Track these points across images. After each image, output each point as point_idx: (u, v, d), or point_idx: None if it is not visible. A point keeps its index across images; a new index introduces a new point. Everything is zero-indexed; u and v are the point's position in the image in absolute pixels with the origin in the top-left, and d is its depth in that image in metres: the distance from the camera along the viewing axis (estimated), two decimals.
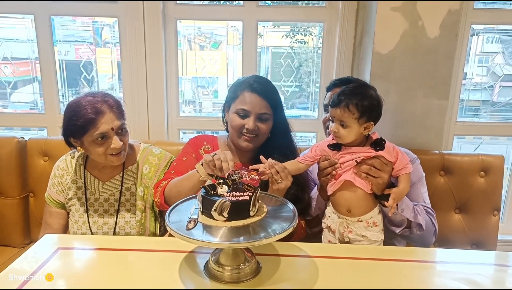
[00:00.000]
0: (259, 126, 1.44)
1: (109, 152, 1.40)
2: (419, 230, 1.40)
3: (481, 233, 1.90)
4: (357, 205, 1.30)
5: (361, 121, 1.24)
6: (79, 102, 1.38)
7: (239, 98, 1.45)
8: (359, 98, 1.23)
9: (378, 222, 1.32)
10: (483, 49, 2.32)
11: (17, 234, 1.93)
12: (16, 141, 1.90)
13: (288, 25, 2.45)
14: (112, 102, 1.41)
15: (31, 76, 2.39)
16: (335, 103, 1.26)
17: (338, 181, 1.29)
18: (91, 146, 1.39)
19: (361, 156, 1.27)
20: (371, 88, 1.30)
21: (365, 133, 1.28)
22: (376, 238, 1.31)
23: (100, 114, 1.35)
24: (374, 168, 1.26)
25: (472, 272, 1.19)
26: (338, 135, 1.27)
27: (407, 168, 1.28)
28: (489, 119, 2.38)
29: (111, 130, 1.37)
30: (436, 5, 1.80)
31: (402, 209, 1.33)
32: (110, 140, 1.38)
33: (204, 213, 1.04)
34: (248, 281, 1.07)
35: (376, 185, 1.27)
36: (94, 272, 1.15)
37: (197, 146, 1.56)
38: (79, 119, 1.35)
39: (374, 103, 1.26)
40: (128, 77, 2.17)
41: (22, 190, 1.93)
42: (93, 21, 2.43)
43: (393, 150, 1.29)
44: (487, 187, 1.85)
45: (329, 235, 1.37)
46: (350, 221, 1.32)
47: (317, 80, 2.33)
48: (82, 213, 1.51)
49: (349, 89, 1.27)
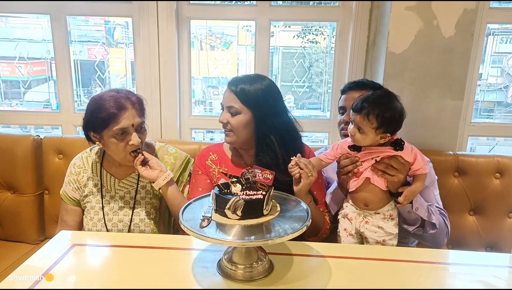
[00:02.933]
0: (229, 119, 1.43)
1: (128, 150, 1.41)
2: (433, 229, 1.41)
3: (496, 235, 1.87)
4: (373, 201, 1.34)
5: (379, 131, 1.26)
6: (103, 97, 1.39)
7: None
8: (381, 109, 1.24)
9: (394, 216, 1.36)
10: (497, 50, 2.28)
11: (32, 230, 1.96)
12: (31, 139, 1.93)
13: (300, 25, 2.45)
14: (135, 99, 1.43)
15: (46, 76, 2.43)
16: (357, 109, 1.27)
17: (360, 178, 1.32)
18: (110, 141, 1.40)
19: (380, 155, 1.29)
20: (397, 99, 1.29)
21: (381, 142, 1.29)
22: (391, 231, 1.34)
23: (123, 110, 1.37)
24: (392, 167, 1.28)
25: (487, 274, 1.17)
26: (354, 138, 1.30)
27: (424, 168, 1.30)
28: (503, 120, 2.35)
29: (131, 126, 1.38)
30: (451, 4, 1.77)
31: (417, 207, 1.36)
32: (129, 137, 1.39)
33: (218, 211, 1.04)
34: (261, 280, 1.07)
35: (392, 183, 1.30)
36: (108, 268, 1.16)
37: (204, 159, 1.55)
38: (101, 112, 1.36)
39: (395, 116, 1.25)
40: (142, 77, 2.19)
41: (37, 188, 1.96)
42: (106, 21, 2.46)
43: (411, 151, 1.30)
44: (503, 189, 1.83)
45: (345, 222, 1.40)
46: (367, 213, 1.35)
47: (329, 81, 2.32)
48: (98, 211, 1.53)
49: (375, 97, 1.27)
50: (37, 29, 2.36)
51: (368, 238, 1.35)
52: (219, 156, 1.56)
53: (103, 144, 1.44)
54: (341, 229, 1.40)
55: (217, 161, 1.54)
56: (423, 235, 1.43)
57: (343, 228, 1.40)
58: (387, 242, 1.34)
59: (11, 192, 1.96)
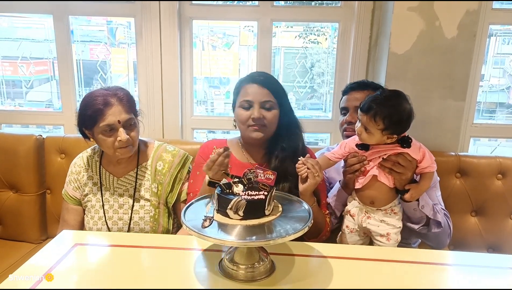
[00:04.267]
0: (264, 114, 1.44)
1: (117, 146, 1.42)
2: (438, 228, 1.42)
3: (498, 236, 1.87)
4: (380, 199, 1.35)
5: (385, 132, 1.26)
6: (92, 94, 1.43)
7: (241, 93, 1.47)
8: (389, 111, 1.23)
9: (396, 211, 1.36)
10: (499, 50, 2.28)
11: (34, 230, 1.97)
12: (34, 139, 1.94)
13: (301, 25, 2.44)
14: (122, 95, 1.44)
15: (49, 75, 2.43)
16: (365, 109, 1.27)
17: (367, 176, 1.32)
18: (100, 137, 1.42)
19: (387, 153, 1.30)
20: (406, 100, 1.27)
21: (388, 142, 1.29)
22: (394, 224, 1.35)
23: (108, 106, 1.39)
24: (399, 164, 1.29)
25: (489, 275, 1.17)
26: (361, 137, 1.30)
27: (432, 167, 1.31)
28: (505, 121, 2.34)
29: (117, 122, 1.40)
30: (453, 5, 1.77)
31: (423, 205, 1.37)
32: (116, 133, 1.41)
33: (220, 211, 1.04)
34: (262, 280, 1.07)
35: (399, 181, 1.31)
36: (110, 268, 1.16)
37: (208, 152, 1.54)
38: (89, 109, 1.40)
39: (403, 119, 1.24)
40: (144, 77, 2.19)
41: (40, 187, 1.97)
42: (108, 21, 2.46)
43: (419, 149, 1.30)
44: (505, 190, 1.82)
45: (348, 219, 1.41)
46: (370, 209, 1.36)
47: (330, 81, 2.32)
48: (98, 209, 1.53)
49: (383, 98, 1.26)
50: (39, 29, 2.36)
51: (372, 232, 1.36)
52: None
53: (96, 140, 1.47)
54: (344, 226, 1.42)
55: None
56: (428, 234, 1.44)
57: (346, 225, 1.41)
58: (392, 236, 1.35)
59: (13, 192, 1.97)
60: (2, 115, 2.34)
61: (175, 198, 1.55)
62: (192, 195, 1.48)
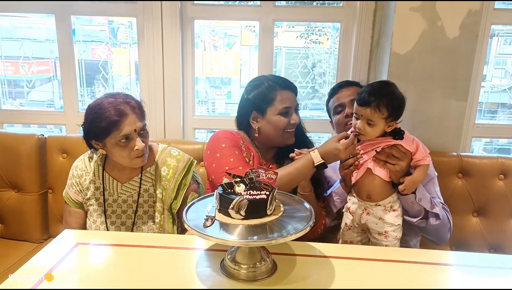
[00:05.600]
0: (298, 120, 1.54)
1: (134, 155, 1.39)
2: (436, 220, 1.41)
3: (499, 236, 1.86)
4: (376, 192, 1.35)
5: (388, 120, 1.29)
6: (101, 104, 1.37)
7: (278, 100, 1.50)
8: (389, 98, 1.27)
9: (395, 207, 1.36)
10: (501, 51, 2.28)
11: (36, 229, 1.97)
12: (36, 138, 1.94)
13: (303, 25, 2.45)
14: (134, 103, 1.41)
15: (50, 75, 2.44)
16: (365, 102, 1.27)
17: (361, 169, 1.34)
18: (114, 148, 1.39)
19: (380, 145, 1.31)
20: (396, 87, 1.33)
21: (388, 130, 1.31)
22: (392, 221, 1.35)
23: (124, 116, 1.35)
24: (393, 156, 1.30)
25: (490, 276, 1.17)
26: (364, 132, 1.31)
27: (426, 159, 1.32)
28: (506, 121, 2.34)
29: (134, 131, 1.37)
30: (456, 5, 1.77)
31: (420, 198, 1.37)
32: (133, 142, 1.38)
33: (221, 211, 1.04)
34: (264, 280, 1.07)
35: (394, 173, 1.32)
36: (112, 268, 1.16)
37: (237, 140, 1.54)
38: (102, 121, 1.34)
39: (402, 103, 1.30)
40: (145, 77, 2.19)
41: (41, 186, 1.97)
42: (109, 21, 2.46)
43: (413, 141, 1.32)
44: (507, 190, 1.82)
45: (346, 216, 1.42)
46: (368, 205, 1.36)
47: (332, 82, 2.31)
48: (100, 214, 1.52)
49: (377, 88, 1.30)
50: (41, 29, 2.37)
51: (370, 229, 1.37)
52: (244, 145, 1.55)
53: (107, 151, 1.43)
54: (343, 223, 1.43)
55: (244, 151, 1.54)
56: (427, 227, 1.44)
57: (344, 223, 1.42)
58: (390, 233, 1.35)
59: (15, 191, 1.97)
60: (4, 115, 2.34)
61: (179, 204, 1.51)
62: (242, 168, 1.39)
